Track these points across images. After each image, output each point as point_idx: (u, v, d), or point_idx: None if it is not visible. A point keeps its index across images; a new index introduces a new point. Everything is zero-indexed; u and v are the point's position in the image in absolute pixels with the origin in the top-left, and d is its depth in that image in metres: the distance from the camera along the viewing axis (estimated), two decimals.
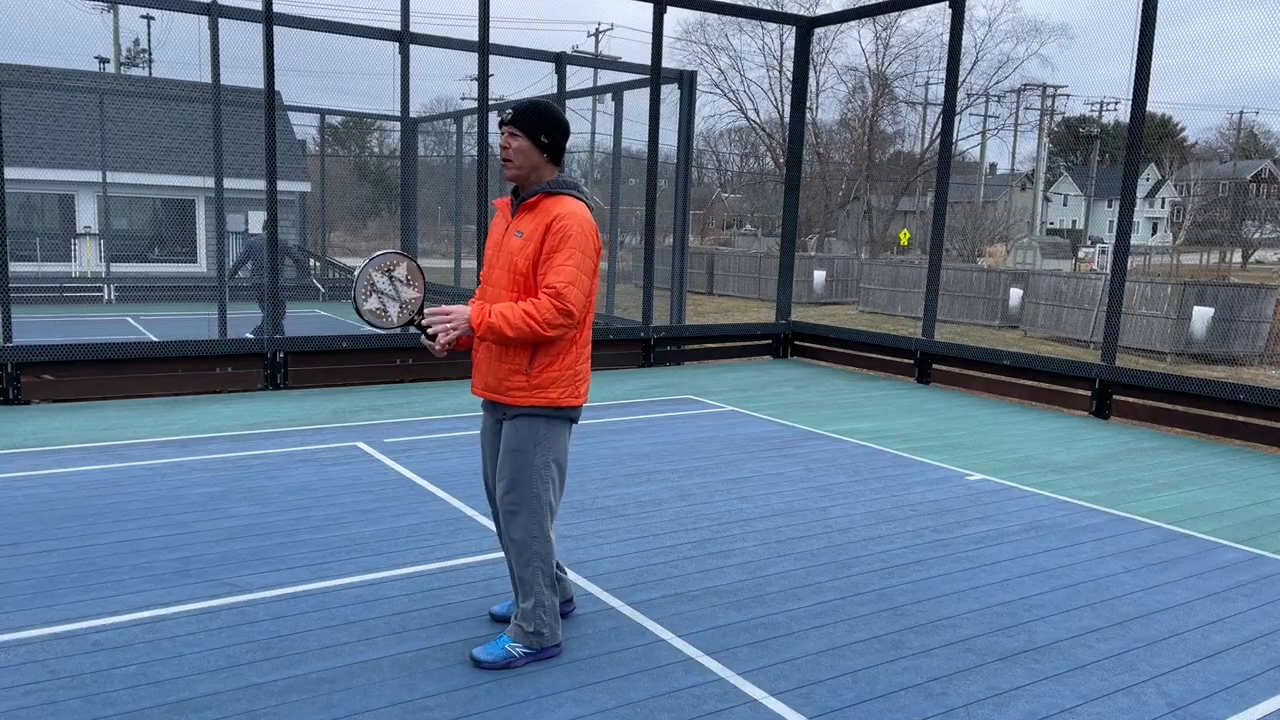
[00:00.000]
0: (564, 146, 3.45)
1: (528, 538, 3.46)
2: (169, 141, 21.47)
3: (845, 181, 42.72)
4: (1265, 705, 3.40)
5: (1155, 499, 6.02)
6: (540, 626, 3.52)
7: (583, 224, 3.33)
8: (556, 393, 3.43)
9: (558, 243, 3.30)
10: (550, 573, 3.52)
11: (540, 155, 3.39)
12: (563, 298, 3.25)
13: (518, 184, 3.45)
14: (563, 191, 3.40)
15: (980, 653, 3.74)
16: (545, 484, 3.46)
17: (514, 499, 3.45)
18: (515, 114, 3.37)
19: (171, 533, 4.79)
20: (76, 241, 20.58)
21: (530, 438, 3.44)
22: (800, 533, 5.11)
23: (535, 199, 3.40)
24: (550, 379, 3.42)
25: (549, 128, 3.38)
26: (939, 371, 10.21)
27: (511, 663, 3.50)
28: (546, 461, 3.46)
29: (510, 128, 3.37)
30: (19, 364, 7.86)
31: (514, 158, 3.38)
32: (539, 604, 3.50)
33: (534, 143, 3.37)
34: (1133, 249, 10.66)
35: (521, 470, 3.44)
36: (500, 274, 3.44)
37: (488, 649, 3.52)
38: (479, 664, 3.49)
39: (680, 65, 17.36)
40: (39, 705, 3.13)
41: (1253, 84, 77.48)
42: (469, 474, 6.05)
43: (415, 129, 17.54)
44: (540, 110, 3.39)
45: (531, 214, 3.39)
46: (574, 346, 3.45)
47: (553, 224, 3.31)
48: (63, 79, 21.36)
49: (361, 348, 9.30)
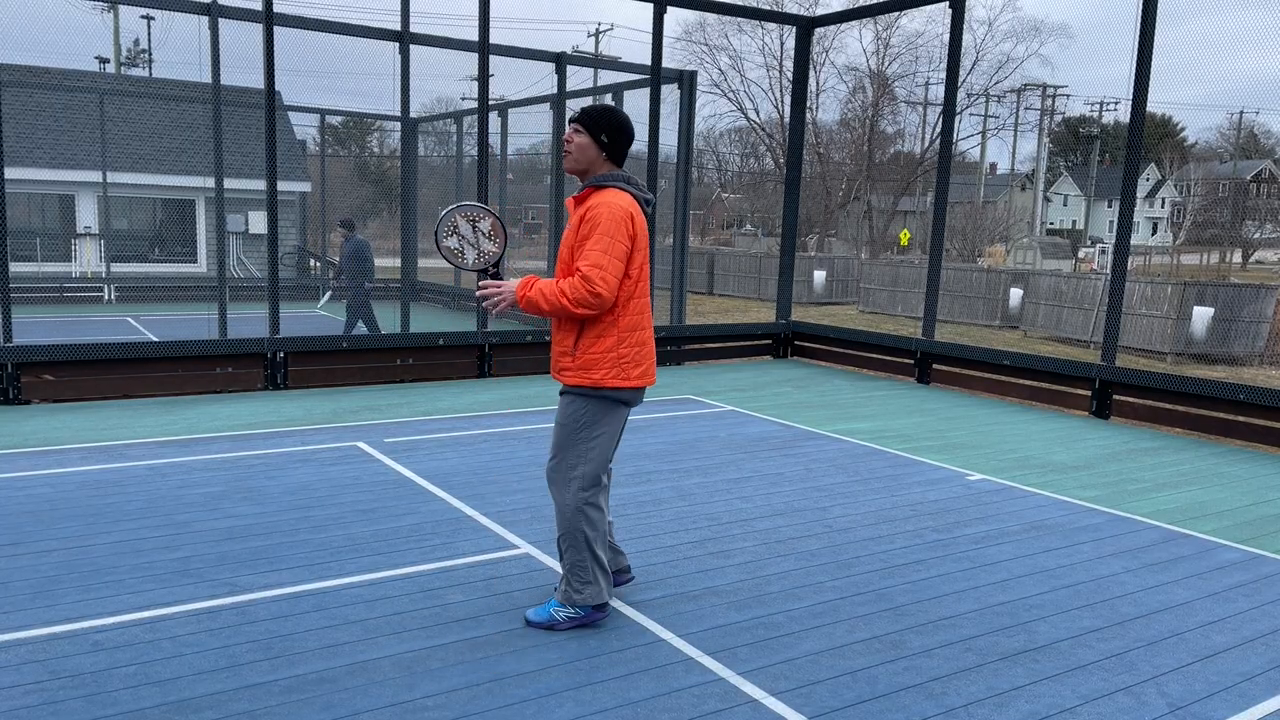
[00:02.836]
0: (624, 150, 3.76)
1: (564, 505, 3.74)
2: (169, 142, 21.47)
3: (845, 181, 42.72)
4: (1265, 705, 3.40)
5: (1155, 499, 6.02)
6: (581, 587, 3.76)
7: (614, 211, 3.58)
8: (600, 374, 3.68)
9: (589, 230, 3.57)
10: (585, 539, 3.73)
11: (598, 152, 3.70)
12: (588, 279, 3.52)
13: (575, 175, 3.76)
14: (609, 184, 3.69)
15: (980, 653, 3.74)
16: (582, 458, 3.72)
17: (553, 467, 3.79)
18: (582, 112, 3.72)
19: (171, 533, 4.79)
20: (77, 241, 20.58)
21: (573, 414, 3.74)
22: (800, 533, 5.11)
23: (585, 192, 3.70)
24: (592, 360, 3.68)
25: (611, 130, 3.70)
26: (939, 371, 10.21)
27: (555, 625, 3.79)
28: (587, 438, 3.73)
29: (575, 124, 3.72)
30: (19, 364, 7.86)
31: (573, 150, 3.71)
32: (576, 566, 3.76)
33: (594, 140, 3.69)
34: (1133, 249, 10.66)
35: (562, 443, 3.76)
36: (558, 266, 3.76)
37: (538, 610, 3.85)
38: (529, 623, 3.82)
39: (680, 65, 17.37)
40: (39, 705, 3.13)
41: (1253, 84, 77.46)
42: (469, 474, 6.05)
43: (415, 129, 17.54)
44: (606, 113, 3.73)
45: (582, 206, 3.68)
46: (614, 330, 3.67)
47: (587, 213, 3.61)
48: (63, 79, 21.36)
49: (361, 348, 9.30)
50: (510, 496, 5.59)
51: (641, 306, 3.74)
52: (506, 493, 5.66)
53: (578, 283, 3.53)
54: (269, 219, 8.97)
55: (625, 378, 3.71)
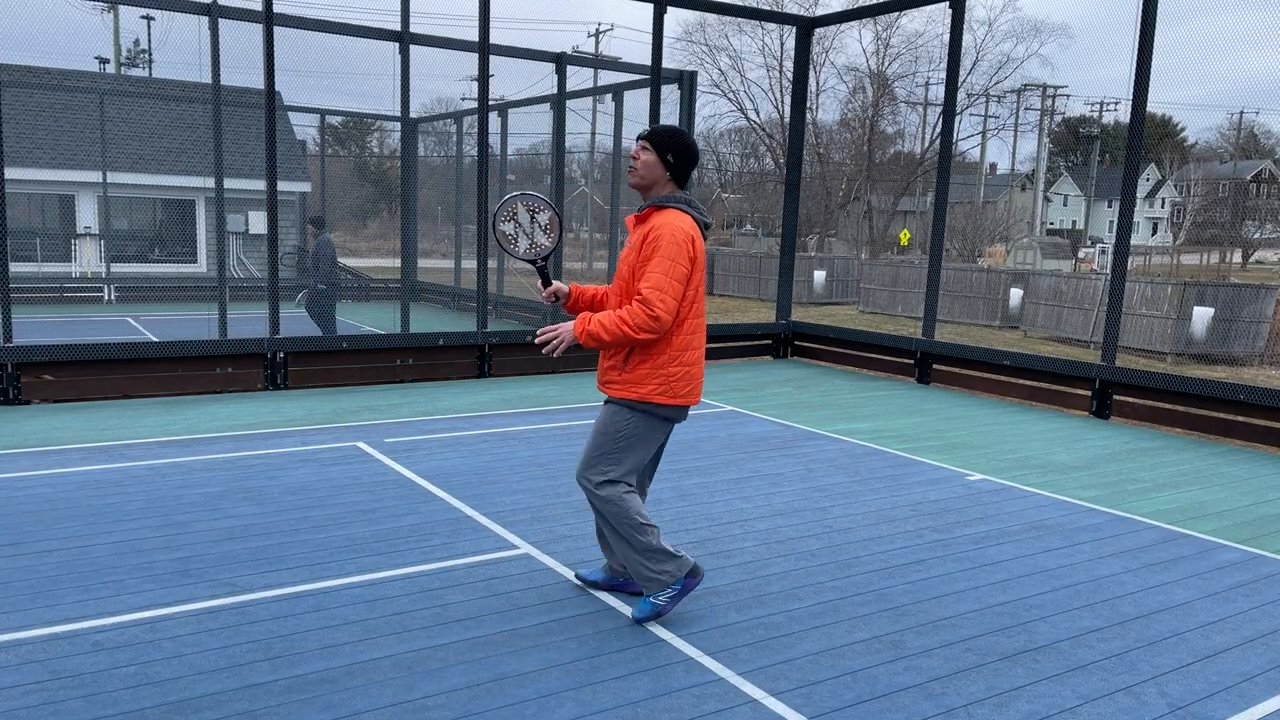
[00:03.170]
0: (688, 171, 3.80)
1: (603, 504, 3.79)
2: (169, 142, 21.48)
3: (845, 181, 42.71)
4: (1265, 705, 3.40)
5: (1155, 499, 6.02)
6: (655, 569, 3.79)
7: (675, 233, 3.61)
8: (648, 389, 3.73)
9: (650, 252, 3.62)
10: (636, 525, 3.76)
11: (663, 171, 3.75)
12: (648, 303, 3.57)
13: (639, 191, 3.81)
14: (670, 205, 3.73)
15: (980, 653, 3.74)
16: (616, 465, 3.79)
17: (585, 472, 3.83)
18: (651, 131, 3.78)
19: (171, 533, 4.79)
20: (77, 242, 20.58)
21: (615, 424, 3.79)
22: (800, 533, 5.11)
23: (646, 211, 3.74)
24: (642, 375, 3.73)
25: (678, 150, 3.75)
26: (939, 371, 10.21)
27: (661, 610, 3.85)
28: (625, 448, 3.79)
29: (644, 141, 3.77)
30: (19, 364, 7.86)
31: (639, 168, 3.76)
32: (642, 554, 3.78)
33: (660, 158, 3.74)
34: (1133, 249, 10.66)
35: (598, 449, 3.81)
36: (617, 282, 3.82)
37: (639, 608, 3.89)
38: (638, 621, 3.87)
39: (680, 65, 17.36)
40: (39, 705, 3.13)
41: (1253, 84, 77.52)
42: (469, 474, 6.05)
43: (415, 129, 17.53)
44: (674, 134, 3.78)
45: (642, 226, 3.72)
46: (667, 348, 3.71)
47: (649, 234, 3.64)
48: (63, 79, 21.36)
49: (361, 348, 9.30)
50: (510, 496, 5.59)
51: (695, 327, 3.77)
52: (506, 493, 5.66)
53: (637, 309, 3.56)
54: (269, 219, 8.97)
55: (673, 395, 3.75)
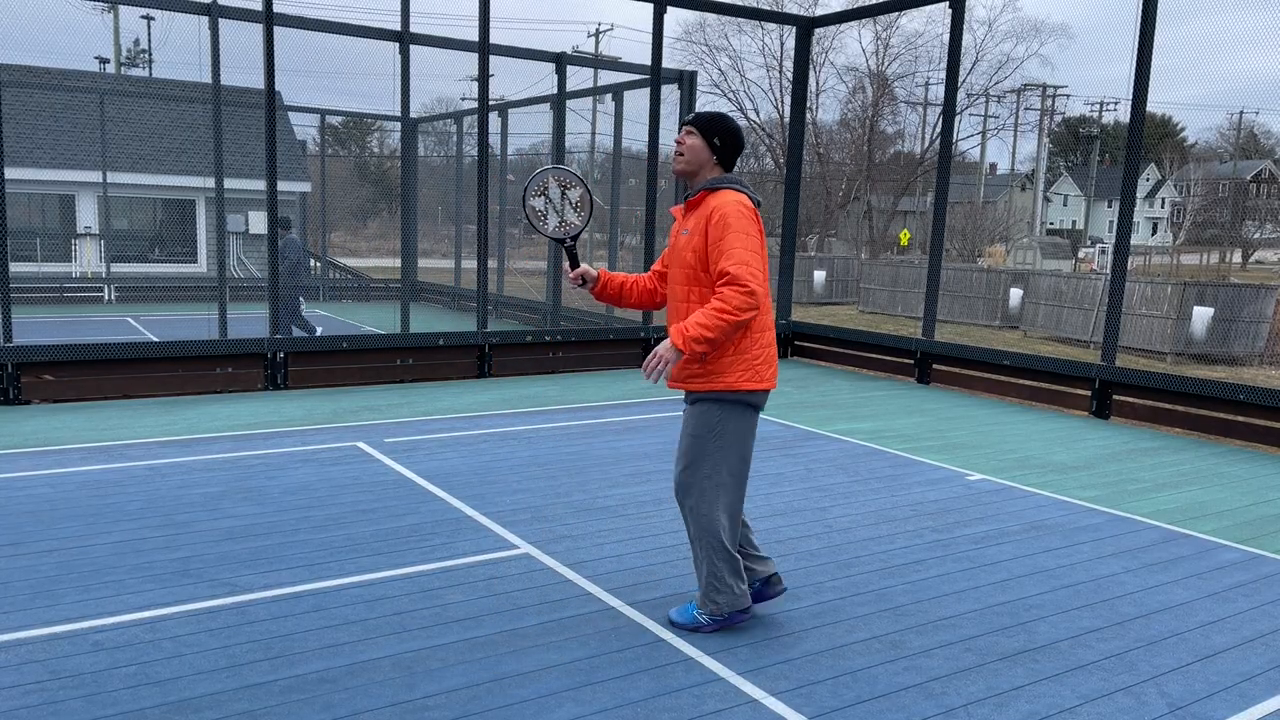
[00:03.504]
0: (734, 156, 3.71)
1: (698, 516, 3.67)
2: (169, 142, 21.47)
3: (845, 181, 42.70)
4: (1265, 705, 3.40)
5: (1155, 499, 6.02)
6: (717, 595, 3.72)
7: (740, 208, 3.54)
8: (734, 377, 3.59)
9: (720, 231, 3.49)
10: (723, 546, 3.67)
11: (709, 155, 3.67)
12: (739, 279, 3.42)
13: (684, 178, 3.73)
14: (723, 186, 3.63)
15: (980, 653, 3.74)
16: (717, 467, 3.65)
17: (686, 479, 3.70)
18: (696, 116, 3.70)
19: (171, 533, 4.79)
20: (77, 242, 20.58)
21: (706, 422, 3.65)
22: (800, 533, 5.11)
23: (699, 196, 3.65)
24: (726, 364, 3.59)
25: (724, 133, 3.66)
26: (939, 371, 10.21)
27: (700, 628, 3.78)
28: (725, 445, 3.65)
29: (688, 126, 3.69)
30: (19, 364, 7.86)
31: (685, 153, 3.67)
32: (713, 575, 3.71)
33: (706, 143, 3.66)
34: (1133, 249, 10.66)
35: (694, 453, 3.68)
36: (675, 272, 3.70)
37: (680, 611, 3.85)
38: (672, 623, 3.82)
39: (680, 65, 17.36)
40: (39, 705, 3.13)
41: (1253, 84, 77.53)
42: (469, 474, 6.05)
43: (415, 129, 17.54)
44: (719, 118, 3.70)
45: (695, 211, 3.65)
46: (749, 330, 3.60)
47: (712, 215, 3.54)
48: (63, 79, 21.36)
49: (362, 348, 9.30)
50: (510, 496, 5.59)
51: (767, 307, 3.66)
52: (506, 493, 5.66)
53: (730, 291, 3.41)
54: (269, 219, 8.97)
55: (759, 379, 3.63)
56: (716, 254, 3.49)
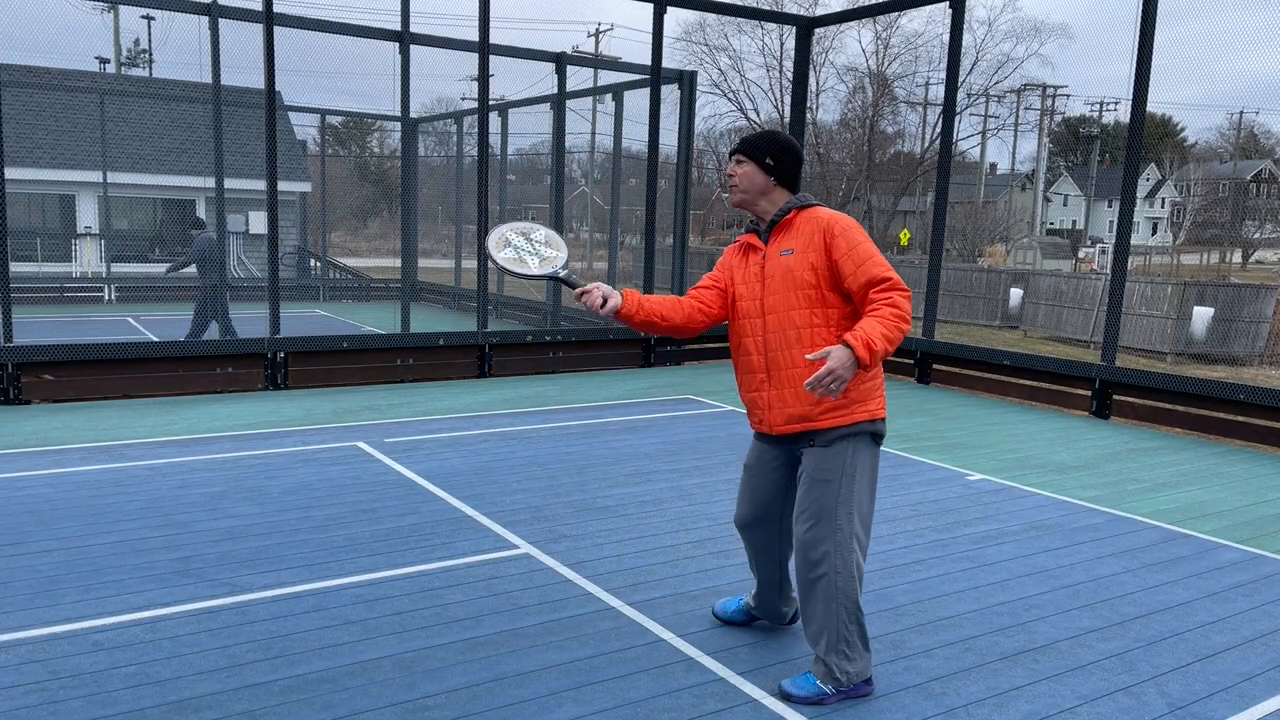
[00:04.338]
0: (796, 171, 3.37)
1: (835, 576, 3.22)
2: (169, 142, 21.49)
3: (845, 181, 42.69)
4: (1265, 705, 3.40)
5: (1155, 499, 6.02)
6: (847, 666, 3.28)
7: (846, 218, 3.24)
8: (875, 403, 3.28)
9: (848, 244, 3.18)
10: (856, 606, 3.27)
11: (766, 178, 3.33)
12: (895, 283, 3.12)
13: (745, 209, 3.40)
14: (813, 203, 3.35)
15: (980, 653, 3.74)
16: (850, 516, 3.24)
17: (819, 533, 3.24)
18: (741, 142, 3.39)
19: (171, 533, 4.79)
20: (77, 241, 20.59)
21: (838, 464, 3.23)
22: None
23: (790, 215, 3.32)
24: (869, 389, 3.27)
25: (776, 151, 3.33)
26: (939, 371, 10.21)
27: (824, 699, 3.28)
28: (855, 490, 3.25)
29: (736, 155, 3.37)
30: (19, 364, 7.86)
31: (740, 183, 3.35)
32: (844, 641, 3.26)
33: (759, 165, 3.33)
34: (1133, 249, 10.66)
35: (825, 502, 3.23)
36: (781, 298, 3.26)
37: (798, 682, 3.32)
38: (789, 697, 3.29)
39: (680, 65, 17.37)
40: (39, 705, 3.13)
41: (1253, 84, 77.48)
42: (469, 474, 6.05)
43: (415, 129, 17.54)
44: (766, 136, 3.38)
45: (792, 230, 3.30)
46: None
47: (830, 228, 3.21)
48: (63, 79, 21.37)
49: (361, 348, 9.31)
50: (510, 496, 5.59)
51: None
52: (506, 493, 5.66)
53: (896, 296, 3.07)
54: (269, 219, 8.98)
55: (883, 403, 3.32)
56: (853, 263, 3.15)
